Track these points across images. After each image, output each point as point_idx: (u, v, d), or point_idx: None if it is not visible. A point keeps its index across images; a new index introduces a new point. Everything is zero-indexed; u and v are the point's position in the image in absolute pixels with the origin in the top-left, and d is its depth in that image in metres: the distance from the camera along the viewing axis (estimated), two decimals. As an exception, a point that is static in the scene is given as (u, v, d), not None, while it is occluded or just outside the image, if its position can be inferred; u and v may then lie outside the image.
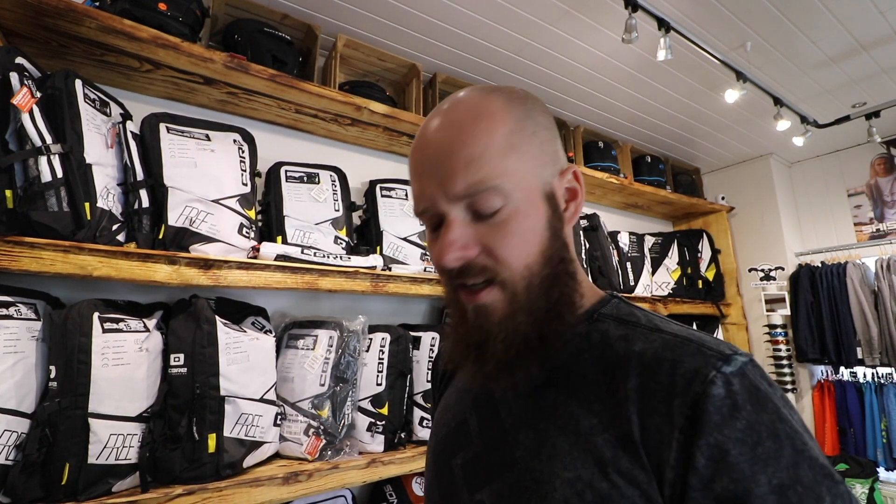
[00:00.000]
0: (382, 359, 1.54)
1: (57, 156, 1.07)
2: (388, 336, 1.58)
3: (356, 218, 1.81)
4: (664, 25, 1.75)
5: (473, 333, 0.50)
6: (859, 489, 2.43)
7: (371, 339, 1.58)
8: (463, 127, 0.48)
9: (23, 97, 1.04)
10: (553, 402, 0.49)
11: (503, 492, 0.48)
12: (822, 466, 0.39)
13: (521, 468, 0.47)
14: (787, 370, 2.81)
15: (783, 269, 2.97)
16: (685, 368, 0.42)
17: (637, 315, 0.52)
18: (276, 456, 1.40)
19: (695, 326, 2.82)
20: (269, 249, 1.38)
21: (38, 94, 1.09)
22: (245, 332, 1.32)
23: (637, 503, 0.41)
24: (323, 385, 1.41)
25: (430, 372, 1.57)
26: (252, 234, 1.42)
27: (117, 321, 1.14)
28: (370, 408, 1.50)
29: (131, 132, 1.29)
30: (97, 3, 1.28)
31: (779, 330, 2.87)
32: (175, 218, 1.28)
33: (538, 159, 0.51)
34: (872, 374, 2.67)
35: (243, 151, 1.47)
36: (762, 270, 2.95)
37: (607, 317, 0.52)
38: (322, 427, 1.39)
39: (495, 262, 0.48)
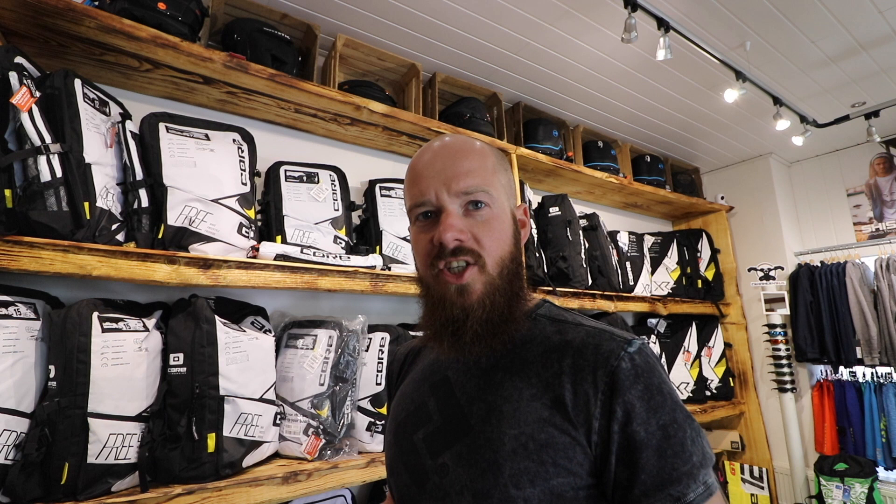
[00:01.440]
0: (382, 358, 1.54)
1: (56, 155, 1.07)
2: (387, 335, 1.58)
3: (356, 217, 1.81)
4: (664, 25, 1.75)
5: (455, 311, 0.63)
6: (858, 488, 2.43)
7: (370, 339, 1.58)
8: (463, 149, 0.68)
9: (22, 97, 1.04)
10: (500, 381, 0.63)
11: (462, 452, 0.60)
12: (687, 412, 0.58)
13: (475, 432, 0.61)
14: (786, 370, 2.81)
15: (782, 268, 2.97)
16: (603, 349, 0.59)
17: (564, 315, 0.69)
18: (276, 455, 1.40)
19: (694, 326, 2.86)
20: (269, 249, 1.38)
21: (38, 94, 1.09)
22: (244, 331, 1.32)
23: (568, 446, 0.56)
24: (322, 384, 1.41)
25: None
26: (251, 234, 1.42)
27: (117, 321, 1.14)
28: (370, 407, 1.50)
29: (130, 132, 1.29)
30: (96, 3, 1.27)
31: (778, 329, 2.87)
32: (174, 217, 1.28)
33: (508, 190, 0.71)
34: (871, 373, 2.67)
35: (243, 151, 1.47)
36: (761, 270, 2.95)
37: (543, 316, 0.69)
38: (321, 426, 1.39)
39: (480, 247, 0.64)
